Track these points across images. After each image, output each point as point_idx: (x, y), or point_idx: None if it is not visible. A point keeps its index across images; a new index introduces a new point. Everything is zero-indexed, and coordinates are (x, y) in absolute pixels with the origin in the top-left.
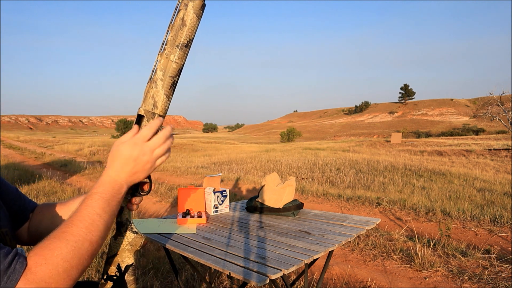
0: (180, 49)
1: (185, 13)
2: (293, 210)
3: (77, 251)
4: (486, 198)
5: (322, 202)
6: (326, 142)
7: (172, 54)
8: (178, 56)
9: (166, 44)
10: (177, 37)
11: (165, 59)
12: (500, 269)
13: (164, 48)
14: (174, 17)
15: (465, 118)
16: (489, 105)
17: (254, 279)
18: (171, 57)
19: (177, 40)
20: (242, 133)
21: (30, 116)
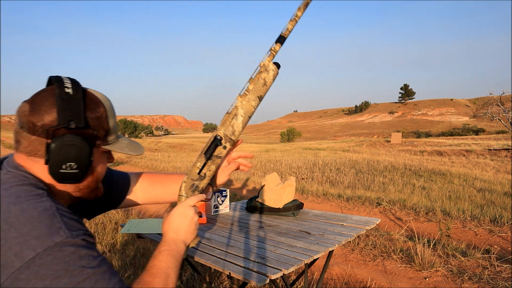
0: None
1: (266, 76)
2: (293, 210)
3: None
4: (486, 198)
5: (322, 202)
6: (326, 142)
7: (253, 101)
8: (256, 104)
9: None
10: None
11: (247, 103)
12: (500, 269)
13: (245, 93)
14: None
15: (465, 118)
16: (489, 105)
17: (254, 279)
18: (251, 103)
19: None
20: (242, 133)
21: None
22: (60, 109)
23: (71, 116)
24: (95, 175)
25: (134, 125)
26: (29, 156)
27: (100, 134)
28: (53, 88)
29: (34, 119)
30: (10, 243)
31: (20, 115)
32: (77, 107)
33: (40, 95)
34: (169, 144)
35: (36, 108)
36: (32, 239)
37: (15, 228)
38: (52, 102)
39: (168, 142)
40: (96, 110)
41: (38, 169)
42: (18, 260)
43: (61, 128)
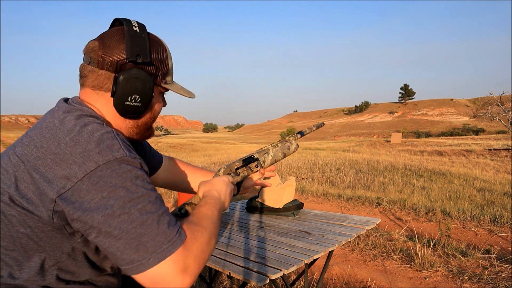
0: (283, 155)
1: (290, 145)
2: (293, 210)
3: (210, 240)
4: (486, 198)
5: (322, 202)
6: (326, 142)
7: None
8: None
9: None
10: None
11: (276, 152)
12: (500, 269)
13: (275, 146)
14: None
15: (465, 118)
16: (489, 105)
17: (254, 279)
18: (278, 154)
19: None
20: (242, 133)
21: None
22: (128, 44)
23: (138, 51)
24: (153, 113)
25: None
26: (95, 90)
27: (161, 71)
28: (120, 27)
29: (104, 53)
30: (75, 157)
31: (89, 51)
32: (143, 44)
33: (109, 33)
34: (169, 144)
35: (106, 43)
36: (95, 154)
37: (80, 145)
38: (121, 38)
39: (168, 142)
40: (159, 50)
41: (101, 103)
42: (81, 171)
43: (128, 63)
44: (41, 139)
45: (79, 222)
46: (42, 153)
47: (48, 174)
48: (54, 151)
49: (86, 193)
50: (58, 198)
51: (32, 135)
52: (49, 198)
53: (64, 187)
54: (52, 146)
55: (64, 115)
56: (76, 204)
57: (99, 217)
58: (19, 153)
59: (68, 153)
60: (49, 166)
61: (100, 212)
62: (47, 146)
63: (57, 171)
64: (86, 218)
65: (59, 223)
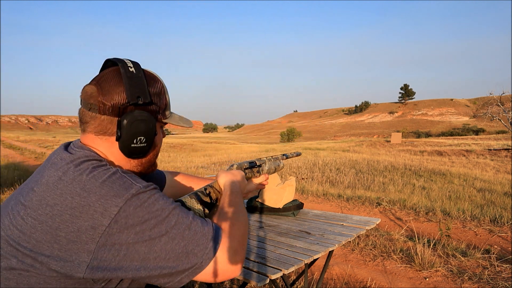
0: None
1: (280, 163)
2: (293, 210)
3: (246, 222)
4: (486, 198)
5: (322, 202)
6: (326, 142)
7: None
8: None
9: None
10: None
11: (271, 165)
12: (500, 269)
13: (270, 160)
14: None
15: (465, 118)
16: (489, 105)
17: (254, 279)
18: (271, 167)
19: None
20: (242, 133)
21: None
22: (127, 87)
23: (138, 93)
24: (156, 149)
25: None
26: (98, 135)
27: (161, 108)
28: (115, 68)
29: (104, 99)
30: (94, 206)
31: (87, 97)
32: (142, 84)
33: (104, 76)
34: (169, 144)
35: (104, 88)
36: (111, 198)
37: (94, 193)
38: (119, 81)
39: (168, 142)
40: (155, 86)
41: (105, 147)
42: (105, 218)
43: (130, 105)
44: (53, 196)
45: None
46: (58, 211)
47: (71, 229)
48: (71, 206)
49: (120, 234)
50: (95, 249)
51: (40, 192)
52: (81, 252)
53: (93, 238)
54: (66, 201)
55: (68, 166)
56: (115, 247)
57: (142, 248)
58: (33, 215)
59: (85, 204)
60: (70, 221)
61: (141, 244)
62: (60, 202)
63: (80, 224)
64: (132, 254)
65: (90, 275)
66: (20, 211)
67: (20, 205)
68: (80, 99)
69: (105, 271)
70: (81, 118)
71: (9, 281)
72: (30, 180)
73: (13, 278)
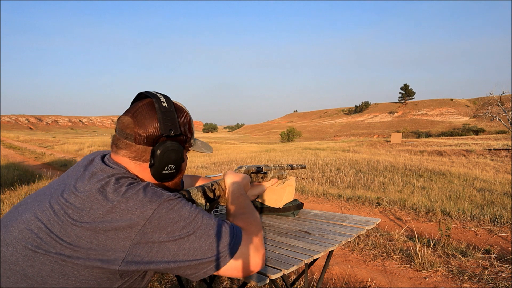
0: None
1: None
2: (293, 210)
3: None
4: (486, 198)
5: (322, 202)
6: (326, 142)
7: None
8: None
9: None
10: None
11: (275, 173)
12: (500, 269)
13: (276, 168)
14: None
15: (465, 118)
16: (489, 105)
17: (254, 279)
18: (276, 175)
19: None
20: (242, 133)
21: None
22: (161, 121)
23: (170, 126)
24: (182, 173)
25: None
26: (132, 160)
27: (188, 137)
28: (149, 102)
29: (140, 130)
30: (131, 210)
31: (124, 127)
32: (173, 118)
33: (140, 109)
34: None
35: (140, 121)
36: (146, 203)
37: (132, 199)
38: (153, 115)
39: None
40: (184, 117)
41: (138, 170)
42: (141, 219)
43: (162, 137)
44: (95, 201)
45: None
46: (99, 214)
47: (110, 228)
48: (111, 209)
49: (153, 233)
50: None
51: (84, 197)
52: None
53: (130, 236)
54: (107, 206)
55: (109, 178)
56: (148, 245)
57: (173, 246)
58: (76, 215)
59: (124, 208)
60: (109, 222)
61: (172, 243)
62: (102, 206)
63: (118, 224)
64: (163, 251)
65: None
66: (62, 209)
67: (63, 202)
68: (116, 128)
69: (139, 265)
70: (116, 143)
71: (44, 266)
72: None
73: (49, 265)
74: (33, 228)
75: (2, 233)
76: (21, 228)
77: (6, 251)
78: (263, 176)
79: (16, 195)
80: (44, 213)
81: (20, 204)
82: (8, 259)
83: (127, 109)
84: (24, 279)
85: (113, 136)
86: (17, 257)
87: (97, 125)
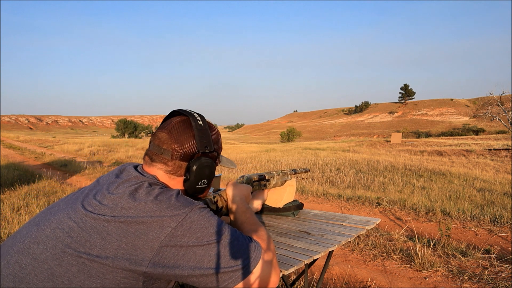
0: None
1: (288, 178)
2: (293, 210)
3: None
4: (486, 198)
5: (322, 202)
6: (326, 142)
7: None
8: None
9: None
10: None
11: (278, 179)
12: (500, 269)
13: (279, 174)
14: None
15: (465, 118)
16: (489, 105)
17: None
18: (278, 182)
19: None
20: (242, 133)
21: (30, 116)
22: (198, 138)
23: (206, 144)
24: (210, 186)
25: (134, 125)
26: (167, 173)
27: (218, 153)
28: (185, 120)
29: (177, 147)
30: (164, 212)
31: (160, 143)
32: (208, 136)
33: (176, 126)
34: None
35: (177, 138)
36: (179, 207)
37: (165, 202)
38: (189, 132)
39: None
40: (215, 134)
41: (171, 184)
42: (173, 221)
43: (198, 153)
44: (128, 202)
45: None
46: (132, 213)
47: (141, 227)
48: (144, 209)
49: (182, 237)
50: (158, 247)
51: (117, 198)
52: (145, 249)
53: (159, 236)
54: (140, 206)
55: (143, 183)
56: (176, 248)
57: (200, 251)
58: (108, 213)
59: (156, 209)
60: (141, 222)
61: (199, 248)
62: (135, 207)
63: (149, 224)
64: (190, 255)
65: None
66: (95, 209)
67: (96, 204)
68: (151, 142)
69: (165, 268)
70: (151, 157)
71: (71, 267)
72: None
73: (76, 265)
74: (64, 227)
75: (34, 231)
76: (53, 227)
77: (37, 249)
78: (265, 183)
79: (16, 195)
80: (76, 213)
81: (53, 206)
82: (37, 256)
83: (162, 125)
84: (50, 277)
85: (148, 150)
86: (46, 255)
87: (97, 125)
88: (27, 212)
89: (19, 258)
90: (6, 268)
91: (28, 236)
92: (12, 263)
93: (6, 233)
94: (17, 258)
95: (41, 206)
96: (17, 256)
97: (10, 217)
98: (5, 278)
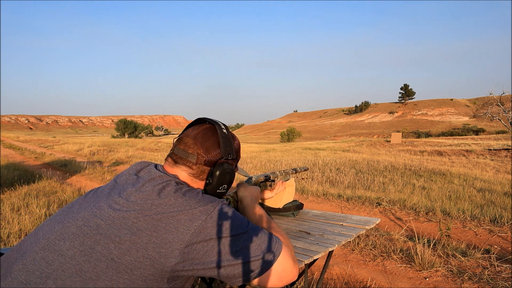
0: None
1: (289, 178)
2: (293, 210)
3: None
4: (486, 198)
5: (322, 202)
6: (326, 142)
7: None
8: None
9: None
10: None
11: (281, 178)
12: (500, 269)
13: (282, 173)
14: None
15: (465, 118)
16: (489, 105)
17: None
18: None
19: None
20: (242, 133)
21: (30, 116)
22: (222, 146)
23: (229, 151)
24: (227, 192)
25: (134, 125)
26: (190, 176)
27: (238, 161)
28: (210, 128)
29: (203, 152)
30: (194, 206)
31: (186, 147)
32: (231, 144)
33: (201, 133)
34: (169, 144)
35: (203, 144)
36: (208, 202)
37: (193, 198)
38: (215, 139)
39: (168, 142)
40: (236, 143)
41: (195, 186)
42: (203, 214)
43: (221, 159)
44: (158, 198)
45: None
46: (162, 208)
47: (171, 221)
48: (174, 204)
49: (212, 228)
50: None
51: (145, 195)
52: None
53: (189, 229)
54: (170, 202)
55: (170, 181)
56: (205, 239)
57: (228, 242)
58: (137, 209)
59: (186, 204)
60: (171, 216)
61: (227, 239)
62: (165, 203)
63: (179, 218)
64: (219, 246)
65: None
66: (123, 207)
67: (123, 202)
68: (176, 145)
69: (193, 260)
70: (175, 159)
71: (100, 263)
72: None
73: (105, 261)
74: (91, 225)
75: (58, 228)
76: (79, 224)
77: (63, 245)
78: (271, 184)
79: (16, 195)
80: (102, 212)
81: (73, 204)
82: (64, 253)
83: (187, 131)
84: (79, 273)
85: (172, 153)
86: (74, 252)
87: (97, 125)
88: (27, 212)
89: (45, 255)
90: (32, 265)
91: (53, 233)
92: (38, 259)
93: (6, 233)
94: (43, 255)
95: (41, 206)
96: (42, 252)
97: (10, 217)
98: (32, 274)
